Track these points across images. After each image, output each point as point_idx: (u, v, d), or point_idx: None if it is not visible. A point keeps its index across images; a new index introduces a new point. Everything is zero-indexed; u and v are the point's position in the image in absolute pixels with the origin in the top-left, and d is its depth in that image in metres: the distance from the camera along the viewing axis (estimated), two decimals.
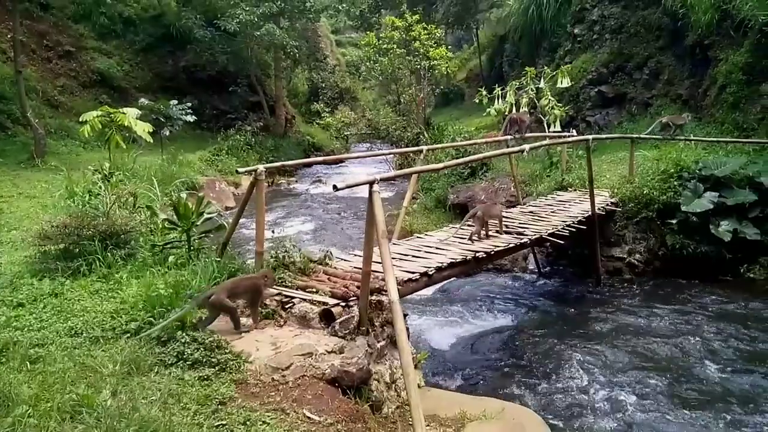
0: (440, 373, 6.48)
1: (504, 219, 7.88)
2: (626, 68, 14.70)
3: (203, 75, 21.59)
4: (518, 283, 9.54)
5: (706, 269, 8.67)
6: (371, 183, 4.31)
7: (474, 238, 7.25)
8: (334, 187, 4.26)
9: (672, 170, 9.20)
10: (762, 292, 8.11)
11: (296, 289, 5.11)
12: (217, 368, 4.12)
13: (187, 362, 4.18)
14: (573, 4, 16.18)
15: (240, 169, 5.61)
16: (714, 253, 8.60)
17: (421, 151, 8.64)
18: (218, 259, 5.57)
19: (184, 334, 4.38)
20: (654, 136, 10.52)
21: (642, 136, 10.57)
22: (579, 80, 14.95)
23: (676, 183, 9.03)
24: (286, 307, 4.89)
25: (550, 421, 5.19)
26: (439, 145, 11.99)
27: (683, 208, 8.67)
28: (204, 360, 4.18)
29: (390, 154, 13.28)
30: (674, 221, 8.78)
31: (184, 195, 6.45)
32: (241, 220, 6.35)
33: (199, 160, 16.79)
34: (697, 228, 8.65)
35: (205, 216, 6.28)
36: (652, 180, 9.23)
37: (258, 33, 19.69)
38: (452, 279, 8.27)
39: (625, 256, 9.15)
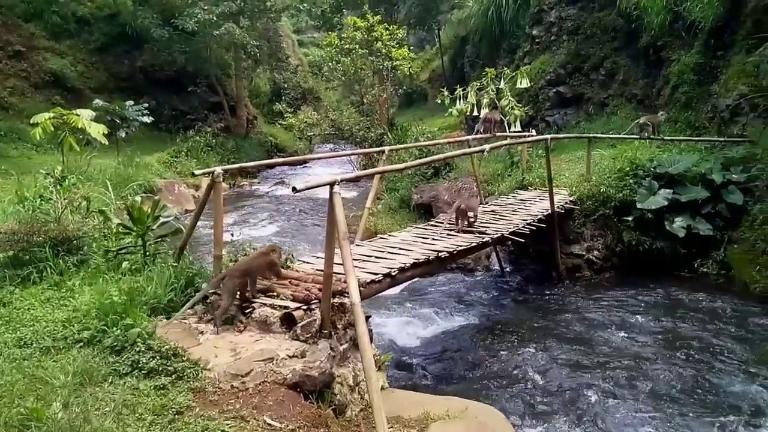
0: (405, 373, 6.49)
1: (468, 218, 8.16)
2: (583, 69, 15.00)
3: (161, 75, 21.17)
4: (481, 281, 9.63)
5: (662, 265, 8.90)
6: (332, 184, 4.27)
7: (457, 228, 7.87)
8: (294, 189, 4.21)
9: (628, 168, 9.42)
10: (715, 286, 8.38)
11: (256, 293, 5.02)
12: (173, 377, 4.02)
13: (143, 371, 4.08)
14: (531, 6, 16.43)
15: (197, 171, 5.49)
16: (669, 248, 8.84)
17: (383, 152, 8.64)
18: (175, 264, 5.43)
19: (139, 342, 4.27)
20: (615, 137, 10.79)
21: (601, 135, 10.82)
22: (538, 81, 15.18)
23: (631, 181, 9.25)
24: (246, 312, 4.80)
25: (513, 419, 5.25)
26: (402, 146, 12.02)
27: (639, 206, 8.90)
28: (160, 368, 4.08)
29: (353, 154, 13.24)
30: (630, 218, 8.99)
31: (138, 198, 6.28)
32: (201, 223, 6.23)
33: (157, 162, 16.45)
34: (653, 224, 8.88)
35: (162, 219, 6.13)
36: (608, 178, 9.43)
37: (217, 32, 19.43)
38: (416, 279, 8.30)
39: (584, 253, 9.33)
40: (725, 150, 9.78)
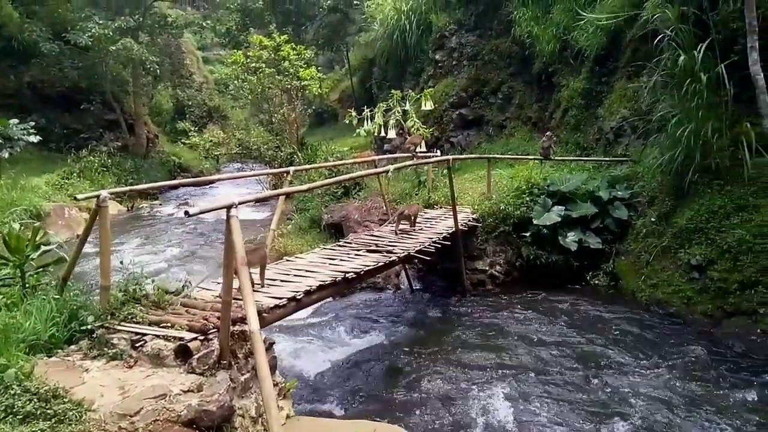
0: (313, 399, 6.35)
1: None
2: (483, 93, 15.65)
3: (51, 91, 19.83)
4: (391, 300, 9.68)
5: (558, 277, 9.41)
6: (228, 207, 4.14)
7: (400, 231, 8.84)
8: (186, 213, 4.03)
9: (524, 187, 9.91)
10: (605, 296, 8.94)
11: (149, 325, 4.73)
12: (53, 420, 3.70)
13: (18, 416, 3.72)
14: (433, 31, 16.99)
15: (79, 196, 5.08)
16: (563, 262, 9.36)
17: (288, 172, 8.54)
18: (57, 296, 5.02)
19: (14, 384, 3.89)
20: (512, 157, 11.29)
21: (499, 155, 11.32)
22: (442, 103, 15.66)
23: (528, 199, 9.73)
24: (137, 345, 4.49)
25: None
26: (309, 166, 11.96)
27: (535, 222, 9.37)
28: (38, 412, 3.74)
29: (258, 175, 12.96)
30: (528, 234, 9.44)
31: (16, 225, 5.76)
32: (91, 250, 5.80)
33: (45, 185, 15.32)
34: (548, 239, 9.37)
35: (44, 248, 5.65)
36: (507, 196, 9.86)
37: (113, 48, 18.51)
38: (326, 300, 8.21)
39: (487, 268, 9.67)
40: (611, 169, 10.54)
